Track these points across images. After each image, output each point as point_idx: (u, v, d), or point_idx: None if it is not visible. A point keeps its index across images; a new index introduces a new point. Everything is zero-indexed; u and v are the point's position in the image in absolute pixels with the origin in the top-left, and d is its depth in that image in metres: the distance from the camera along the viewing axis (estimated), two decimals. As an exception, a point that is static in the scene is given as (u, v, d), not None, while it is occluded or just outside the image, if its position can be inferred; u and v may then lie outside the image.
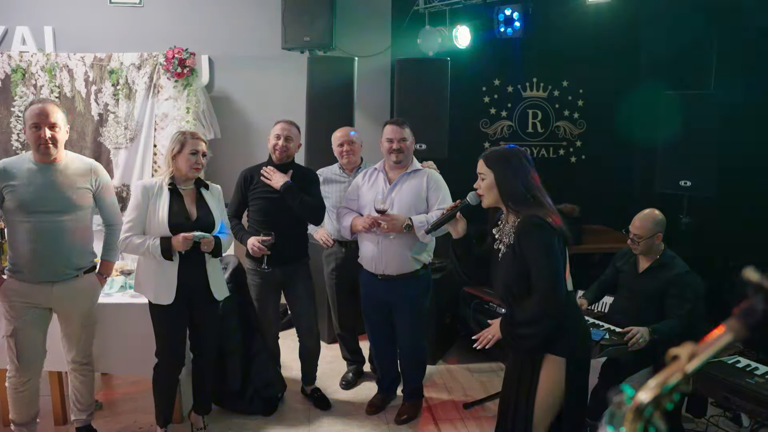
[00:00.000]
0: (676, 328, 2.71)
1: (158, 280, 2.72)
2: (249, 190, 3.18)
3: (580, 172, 5.25)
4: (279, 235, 3.00)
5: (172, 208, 2.68)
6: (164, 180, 2.73)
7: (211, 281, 2.81)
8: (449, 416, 3.35)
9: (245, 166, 3.30)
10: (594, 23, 4.66)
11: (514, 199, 2.08)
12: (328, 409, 3.39)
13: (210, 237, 2.69)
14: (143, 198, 2.69)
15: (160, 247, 2.62)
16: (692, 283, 2.83)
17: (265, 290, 3.26)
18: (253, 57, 4.77)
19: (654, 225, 2.88)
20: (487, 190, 2.13)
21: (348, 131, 3.55)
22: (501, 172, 2.10)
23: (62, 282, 2.70)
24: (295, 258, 3.24)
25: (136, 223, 2.68)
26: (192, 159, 2.70)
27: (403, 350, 3.30)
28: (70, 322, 2.81)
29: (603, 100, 5.07)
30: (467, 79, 4.88)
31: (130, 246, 2.68)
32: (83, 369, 2.90)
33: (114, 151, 4.52)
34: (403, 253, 3.04)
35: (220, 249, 2.78)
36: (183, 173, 2.73)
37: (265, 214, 3.13)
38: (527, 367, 2.08)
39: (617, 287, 3.11)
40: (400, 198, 3.05)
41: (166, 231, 2.66)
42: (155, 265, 2.70)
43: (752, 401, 2.25)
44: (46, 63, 4.41)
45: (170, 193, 2.71)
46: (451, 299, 4.09)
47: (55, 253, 2.66)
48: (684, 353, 0.62)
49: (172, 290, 2.70)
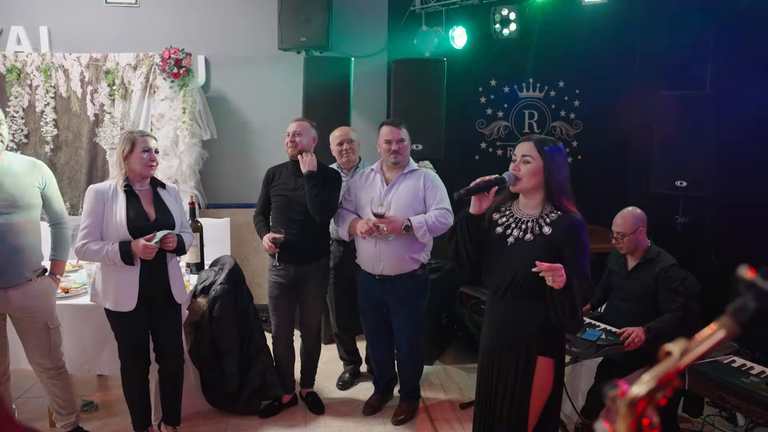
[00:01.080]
0: (671, 322, 2.72)
1: (118, 286, 2.62)
2: (271, 187, 3.23)
3: (577, 172, 5.20)
4: (294, 233, 3.06)
5: (129, 210, 2.60)
6: (119, 182, 2.64)
7: (172, 284, 2.74)
8: (446, 416, 3.35)
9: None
10: (590, 23, 4.66)
11: (559, 191, 2.06)
12: (321, 413, 3.37)
13: (172, 233, 2.63)
14: (97, 203, 2.60)
15: (120, 251, 2.53)
16: (681, 276, 2.85)
17: (280, 288, 3.22)
18: (250, 57, 4.77)
19: (635, 220, 2.91)
20: (529, 176, 2.07)
21: (347, 130, 3.55)
22: (554, 163, 2.07)
23: (17, 287, 2.62)
24: (311, 257, 3.21)
25: (92, 229, 2.58)
26: (145, 157, 2.62)
27: (401, 350, 3.30)
28: (32, 329, 2.71)
29: (599, 100, 5.08)
30: (463, 79, 4.88)
31: (88, 253, 2.57)
32: (58, 374, 2.82)
33: (110, 152, 4.51)
34: (401, 254, 3.04)
35: (183, 246, 2.73)
36: (137, 172, 2.64)
37: (281, 212, 3.18)
38: (521, 368, 2.08)
39: (611, 288, 3.13)
40: (397, 198, 3.05)
41: (125, 234, 2.57)
42: (115, 271, 2.61)
43: (747, 400, 2.25)
44: (41, 63, 4.39)
45: (126, 195, 2.63)
46: (448, 299, 4.10)
47: (7, 255, 2.57)
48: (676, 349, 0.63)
49: (134, 297, 2.62)
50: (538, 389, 2.07)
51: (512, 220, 2.13)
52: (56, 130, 4.46)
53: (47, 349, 2.76)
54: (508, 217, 2.15)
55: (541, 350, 2.07)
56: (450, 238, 2.26)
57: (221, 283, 3.20)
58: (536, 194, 2.11)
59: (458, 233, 2.18)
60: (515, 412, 2.09)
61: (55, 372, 2.81)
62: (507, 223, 2.13)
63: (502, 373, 2.13)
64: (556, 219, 2.04)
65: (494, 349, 2.16)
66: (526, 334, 2.08)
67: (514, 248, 2.07)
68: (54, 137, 4.45)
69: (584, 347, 2.66)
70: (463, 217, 2.17)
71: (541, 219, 2.07)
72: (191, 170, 4.54)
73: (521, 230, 2.08)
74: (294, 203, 3.13)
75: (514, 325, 2.11)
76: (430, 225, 2.95)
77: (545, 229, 2.04)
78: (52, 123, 4.44)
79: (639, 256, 2.96)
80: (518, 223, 2.11)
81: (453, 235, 2.22)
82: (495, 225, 2.16)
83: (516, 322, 2.10)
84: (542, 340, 2.07)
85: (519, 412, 2.08)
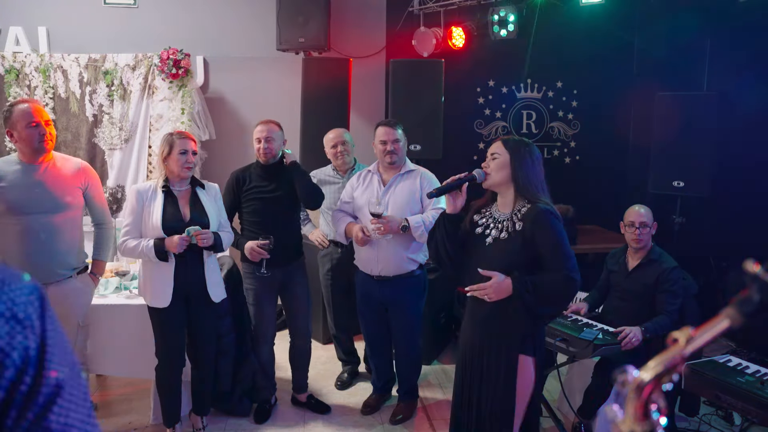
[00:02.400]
0: (668, 324, 2.74)
1: (155, 282, 2.74)
2: (242, 191, 3.12)
3: (575, 172, 5.27)
4: (275, 237, 2.97)
5: (165, 210, 2.70)
6: (158, 183, 2.76)
7: (208, 282, 2.80)
8: (444, 416, 3.36)
9: (240, 166, 3.30)
10: (588, 24, 4.68)
11: (527, 184, 2.10)
12: (327, 412, 3.36)
13: (203, 230, 2.69)
14: (137, 202, 2.72)
15: (154, 248, 2.64)
16: (681, 279, 2.87)
17: (263, 294, 3.17)
18: (248, 58, 4.77)
19: (652, 214, 2.98)
20: (497, 170, 2.13)
21: (341, 132, 3.54)
22: (518, 155, 2.12)
23: (56, 284, 2.69)
24: (292, 258, 3.21)
25: (133, 228, 2.72)
26: (182, 159, 2.71)
27: (399, 350, 3.31)
28: (65, 325, 2.78)
29: (597, 100, 5.10)
30: (462, 80, 4.89)
31: (127, 249, 2.71)
32: None
33: (109, 152, 4.52)
34: (399, 254, 3.05)
35: (221, 244, 2.78)
36: (176, 174, 2.74)
37: (260, 215, 3.08)
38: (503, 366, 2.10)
39: (610, 288, 3.14)
40: (394, 199, 3.06)
41: (160, 233, 2.68)
42: (152, 267, 2.74)
43: (743, 399, 2.26)
44: (40, 64, 4.39)
45: (164, 196, 2.73)
46: (446, 299, 4.11)
47: (48, 255, 2.65)
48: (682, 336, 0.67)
49: (169, 293, 2.72)
50: (521, 387, 2.10)
51: (491, 220, 2.17)
52: (55, 130, 4.46)
53: (74, 345, 2.81)
54: (487, 218, 2.19)
55: (522, 349, 2.09)
56: (430, 237, 2.32)
57: (220, 283, 3.21)
58: (508, 191, 2.16)
59: (437, 233, 2.25)
60: (501, 411, 2.10)
61: None
62: (486, 223, 2.18)
63: (485, 372, 2.15)
64: (525, 212, 2.09)
65: (476, 348, 2.18)
66: (507, 332, 2.11)
67: (492, 248, 2.12)
68: (53, 138, 4.45)
69: (581, 347, 2.67)
70: (441, 218, 2.24)
71: (514, 215, 2.11)
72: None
73: (498, 230, 2.13)
74: (274, 204, 3.07)
75: (495, 325, 2.13)
76: (428, 225, 2.96)
77: (517, 225, 2.09)
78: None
79: (641, 256, 2.97)
80: (495, 223, 2.15)
81: (433, 235, 2.29)
82: (475, 227, 2.21)
83: (497, 321, 2.12)
84: (523, 338, 2.10)
85: (505, 411, 2.10)
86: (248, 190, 3.11)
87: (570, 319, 2.95)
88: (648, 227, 2.94)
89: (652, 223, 2.96)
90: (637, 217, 2.95)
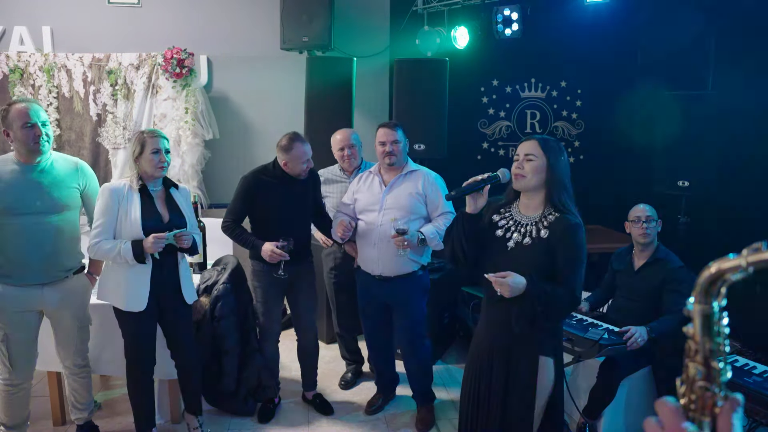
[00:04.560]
0: (674, 324, 2.72)
1: (129, 286, 2.62)
2: (262, 193, 3.05)
3: (579, 172, 5.24)
4: (296, 236, 2.99)
5: (144, 210, 2.61)
6: (133, 182, 2.64)
7: (182, 284, 2.76)
8: (448, 416, 3.35)
9: (244, 166, 3.30)
10: (592, 23, 4.66)
11: (561, 191, 2.05)
12: (330, 414, 3.35)
13: (186, 231, 2.65)
14: (112, 201, 2.59)
15: (132, 250, 2.53)
16: (688, 278, 2.85)
17: (272, 292, 3.18)
18: (252, 57, 4.77)
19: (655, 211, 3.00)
20: (533, 173, 2.05)
21: (348, 135, 3.50)
22: (557, 159, 2.06)
23: (52, 284, 2.67)
24: (302, 257, 3.20)
25: (106, 228, 2.58)
26: (155, 159, 2.61)
27: (404, 351, 3.28)
28: (63, 326, 2.77)
29: (601, 100, 5.08)
30: (466, 79, 4.88)
31: (100, 251, 2.58)
32: (81, 372, 2.89)
33: (112, 152, 4.52)
34: (401, 255, 3.04)
35: (197, 246, 2.74)
36: (149, 174, 2.65)
37: (280, 222, 3.03)
38: (522, 368, 2.07)
39: (615, 288, 3.13)
40: (395, 200, 3.04)
41: (138, 234, 2.57)
42: (126, 270, 2.61)
43: (750, 400, 2.25)
44: (44, 63, 4.40)
45: (140, 195, 2.63)
46: (450, 299, 4.10)
47: (44, 255, 2.62)
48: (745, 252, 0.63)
49: (145, 296, 2.63)
50: (541, 389, 2.07)
51: (512, 222, 2.11)
52: (59, 129, 4.47)
53: (74, 346, 2.82)
54: (508, 220, 2.13)
55: (542, 350, 2.06)
56: (446, 237, 2.25)
57: (224, 283, 3.20)
58: (538, 194, 2.09)
59: (454, 232, 2.17)
60: (520, 412, 2.08)
61: (79, 369, 2.88)
62: (507, 225, 2.12)
63: (502, 374, 2.11)
64: (554, 221, 2.03)
65: (494, 350, 2.14)
66: (526, 334, 2.06)
67: (514, 252, 2.06)
68: (56, 137, 4.45)
69: (587, 347, 2.66)
70: (460, 217, 2.16)
71: (540, 222, 2.05)
72: (193, 170, 4.55)
73: (521, 234, 2.07)
74: (293, 209, 3.09)
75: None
76: (441, 233, 2.93)
77: (542, 233, 2.03)
78: (55, 123, 4.44)
79: (648, 255, 2.96)
80: (518, 227, 2.09)
81: (449, 235, 2.21)
82: (495, 227, 2.14)
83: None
84: (542, 340, 2.07)
85: (524, 413, 2.08)
86: (266, 199, 3.06)
87: (575, 319, 2.93)
88: (654, 221, 2.94)
89: (658, 218, 2.96)
90: (642, 212, 2.96)
